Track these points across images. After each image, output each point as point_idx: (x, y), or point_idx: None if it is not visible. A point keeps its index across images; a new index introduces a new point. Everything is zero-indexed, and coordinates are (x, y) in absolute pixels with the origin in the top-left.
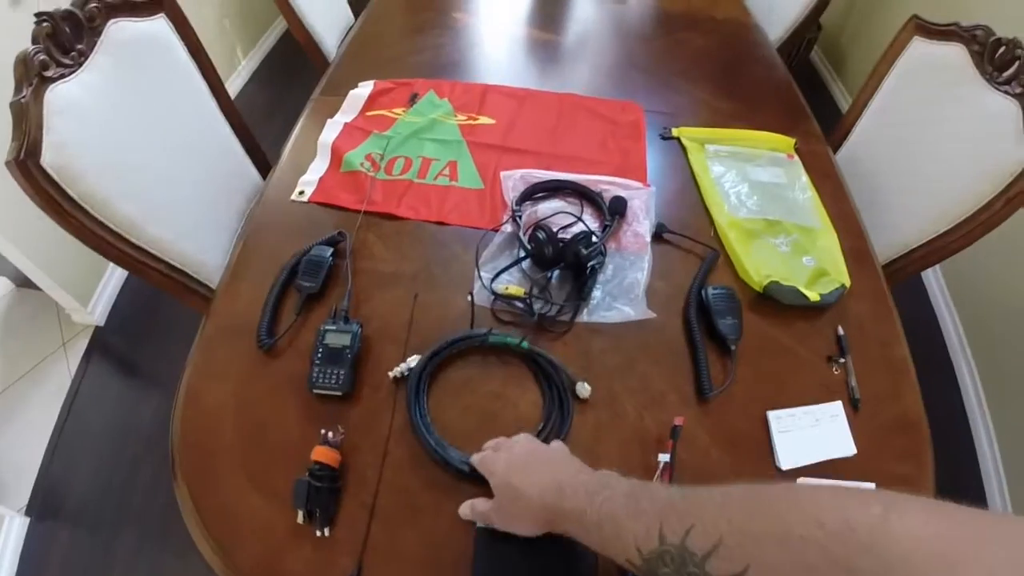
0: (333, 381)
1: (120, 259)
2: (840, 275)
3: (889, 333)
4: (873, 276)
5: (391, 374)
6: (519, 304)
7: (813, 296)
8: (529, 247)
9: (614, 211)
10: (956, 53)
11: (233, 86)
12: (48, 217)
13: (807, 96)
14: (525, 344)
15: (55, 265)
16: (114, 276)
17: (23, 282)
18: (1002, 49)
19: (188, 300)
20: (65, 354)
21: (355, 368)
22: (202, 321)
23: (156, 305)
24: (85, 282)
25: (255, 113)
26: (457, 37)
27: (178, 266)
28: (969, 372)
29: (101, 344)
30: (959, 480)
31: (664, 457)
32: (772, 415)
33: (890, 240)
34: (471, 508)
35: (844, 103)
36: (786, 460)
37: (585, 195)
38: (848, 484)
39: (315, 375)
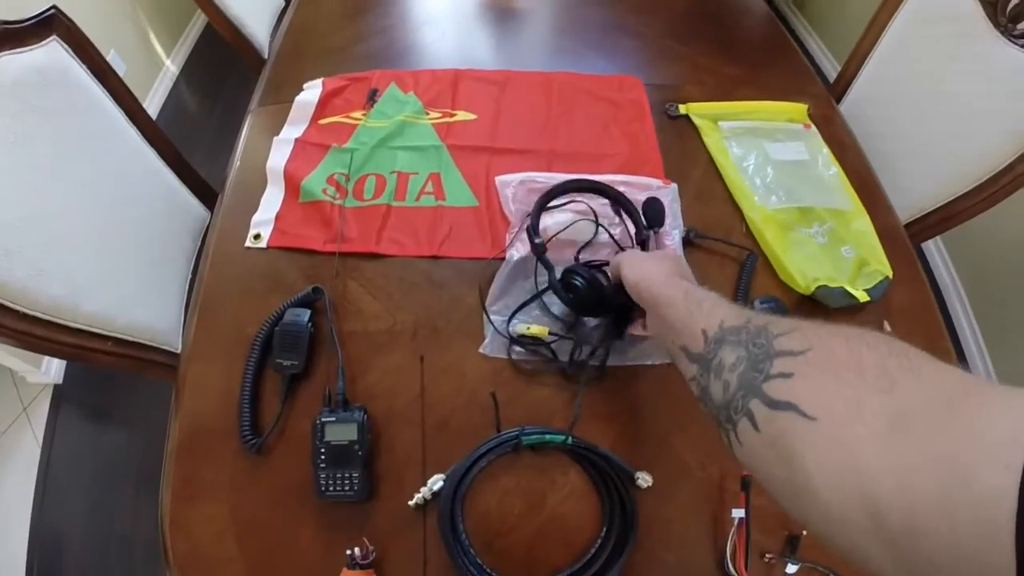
0: (346, 488)
1: (59, 351)
2: (881, 264)
3: (932, 324)
4: (909, 259)
5: (411, 503)
6: (543, 351)
7: (862, 296)
8: (567, 296)
9: (652, 222)
10: (965, 2)
11: (160, 91)
12: None
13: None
14: (570, 440)
15: None
16: None
17: None
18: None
19: (148, 372)
20: (28, 420)
21: (369, 466)
22: (169, 424)
23: None
24: None
25: (189, 119)
26: (407, 14)
27: (128, 338)
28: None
29: (65, 402)
30: None
31: (739, 512)
32: None
33: (901, 204)
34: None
35: (811, 41)
36: None
37: (613, 198)
38: None
39: (323, 481)
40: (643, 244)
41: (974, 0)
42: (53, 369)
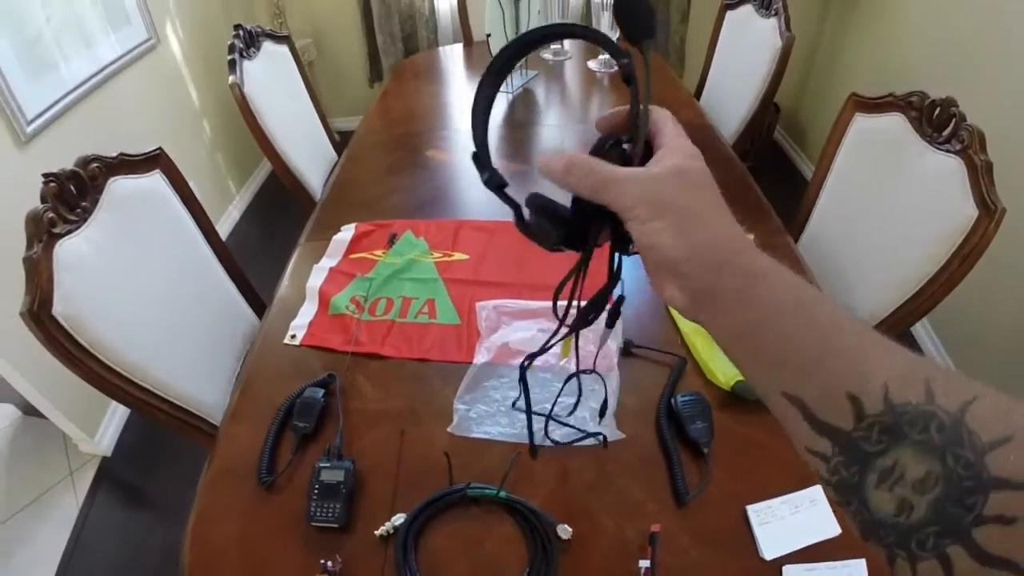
0: (330, 515)
1: (127, 400)
2: None
3: None
4: None
5: (377, 533)
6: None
7: None
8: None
9: (633, 29)
10: (896, 122)
11: (229, 220)
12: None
13: (776, 174)
14: (503, 494)
15: (61, 396)
16: (120, 407)
17: (30, 410)
18: (938, 110)
19: (191, 436)
20: (73, 484)
21: (350, 502)
22: (205, 465)
23: (163, 436)
24: (92, 413)
25: (249, 248)
26: (430, 176)
27: (181, 405)
28: None
29: (109, 475)
30: None
31: (644, 563)
32: (751, 509)
33: (860, 313)
34: (566, 164)
35: (810, 174)
36: (769, 551)
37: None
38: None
39: (313, 509)
40: (628, 79)
41: (902, 117)
42: (105, 441)
